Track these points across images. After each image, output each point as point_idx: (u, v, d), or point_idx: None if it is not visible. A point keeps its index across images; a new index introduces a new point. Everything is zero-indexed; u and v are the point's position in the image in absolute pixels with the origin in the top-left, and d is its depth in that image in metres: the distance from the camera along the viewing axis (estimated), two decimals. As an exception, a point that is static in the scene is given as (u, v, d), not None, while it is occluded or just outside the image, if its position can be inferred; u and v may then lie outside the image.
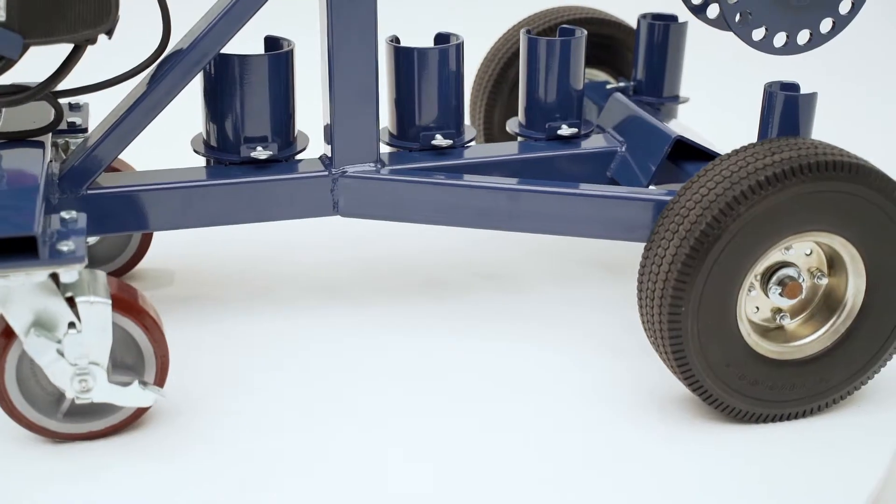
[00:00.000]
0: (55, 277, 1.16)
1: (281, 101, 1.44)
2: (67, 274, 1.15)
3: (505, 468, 1.25)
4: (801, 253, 1.31)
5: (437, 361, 1.45)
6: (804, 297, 1.33)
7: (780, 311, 1.32)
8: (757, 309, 1.32)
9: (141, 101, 1.36)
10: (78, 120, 1.51)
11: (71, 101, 1.57)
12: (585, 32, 1.55)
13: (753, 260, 1.26)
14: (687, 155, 1.49)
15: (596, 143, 1.56)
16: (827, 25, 1.37)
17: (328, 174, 1.43)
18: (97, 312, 1.18)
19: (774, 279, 1.29)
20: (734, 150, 1.29)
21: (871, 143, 1.76)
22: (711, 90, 2.14)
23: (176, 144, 1.61)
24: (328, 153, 1.44)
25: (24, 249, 1.13)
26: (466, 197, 1.42)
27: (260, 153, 1.42)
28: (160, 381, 1.25)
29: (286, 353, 1.46)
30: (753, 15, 1.33)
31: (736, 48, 1.41)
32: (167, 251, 1.69)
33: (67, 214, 1.21)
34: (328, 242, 1.75)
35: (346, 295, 1.61)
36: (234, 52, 1.40)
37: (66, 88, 1.35)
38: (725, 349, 1.28)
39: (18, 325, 1.16)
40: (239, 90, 1.41)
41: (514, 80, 1.78)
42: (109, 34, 1.26)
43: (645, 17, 1.65)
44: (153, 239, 1.64)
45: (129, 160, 1.62)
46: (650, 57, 1.65)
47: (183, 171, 1.43)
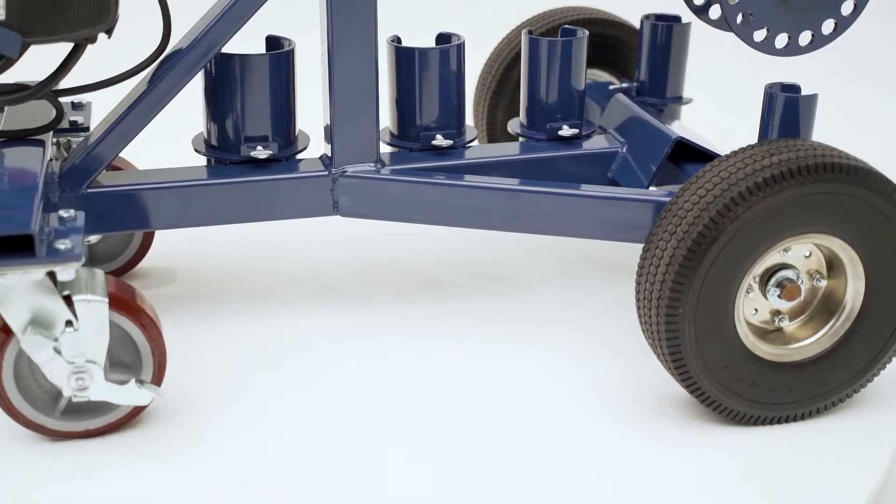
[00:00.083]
0: (52, 276, 1.16)
1: (281, 100, 1.44)
2: (64, 272, 1.15)
3: (505, 468, 1.25)
4: (800, 255, 1.30)
5: (437, 361, 1.45)
6: (803, 299, 1.32)
7: (778, 313, 1.32)
8: (755, 311, 1.31)
9: (141, 99, 1.36)
10: (80, 119, 1.52)
11: (73, 100, 1.57)
12: (587, 33, 1.55)
13: (751, 262, 1.25)
14: (688, 156, 1.49)
15: (597, 143, 1.56)
16: (829, 27, 1.36)
17: (328, 174, 1.43)
18: (94, 311, 1.18)
19: (773, 281, 1.29)
20: (733, 151, 1.29)
21: (872, 144, 1.75)
22: (714, 91, 2.13)
23: (177, 143, 1.61)
24: (328, 153, 1.44)
25: (21, 247, 1.13)
26: (466, 197, 1.42)
27: (260, 153, 1.42)
28: (157, 379, 1.26)
29: (286, 353, 1.46)
30: (755, 16, 1.33)
31: (738, 49, 1.40)
32: (168, 250, 1.69)
33: (66, 213, 1.21)
34: (328, 242, 1.75)
35: (346, 295, 1.61)
36: (234, 51, 1.40)
37: (66, 87, 1.35)
38: (723, 351, 1.27)
39: (15, 322, 1.17)
40: (239, 89, 1.41)
41: (517, 80, 1.77)
42: (109, 33, 1.26)
43: (648, 17, 1.64)
44: (154, 238, 1.65)
45: (130, 159, 1.62)
46: (653, 58, 1.65)
47: (183, 170, 1.43)
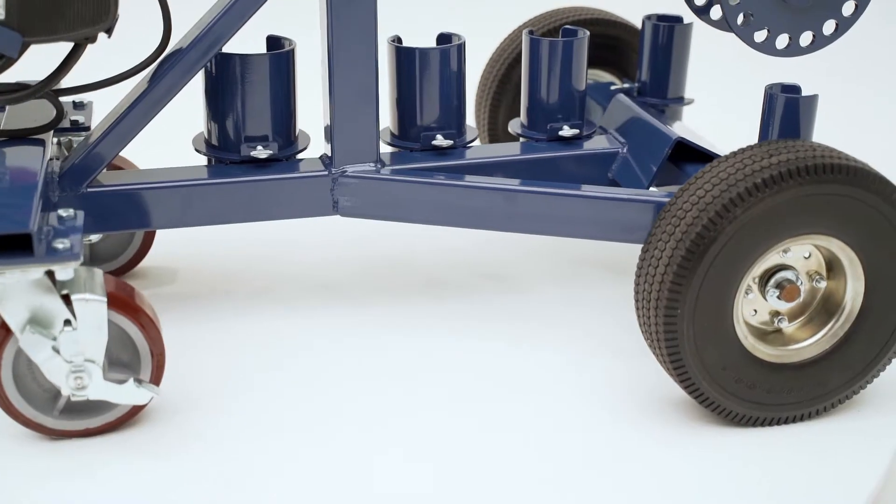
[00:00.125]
0: (51, 275, 1.16)
1: (281, 100, 1.44)
2: (63, 271, 1.15)
3: (505, 468, 1.25)
4: (799, 256, 1.30)
5: (437, 361, 1.45)
6: (802, 300, 1.32)
7: (778, 314, 1.31)
8: (755, 312, 1.31)
9: (141, 99, 1.36)
10: (81, 118, 1.52)
11: (75, 99, 1.57)
12: (588, 33, 1.55)
13: (750, 263, 1.25)
14: (689, 157, 1.49)
15: (597, 144, 1.56)
16: (830, 27, 1.36)
17: (328, 174, 1.43)
18: (93, 310, 1.18)
19: (772, 282, 1.28)
20: (732, 152, 1.29)
21: (872, 145, 1.75)
22: (715, 91, 2.13)
23: (178, 143, 1.61)
24: (328, 153, 1.44)
25: (20, 247, 1.14)
26: (465, 197, 1.42)
27: (260, 152, 1.42)
28: (156, 379, 1.26)
29: (286, 352, 1.46)
30: (755, 16, 1.32)
31: (739, 49, 1.40)
32: (170, 250, 1.69)
33: (65, 212, 1.21)
34: (328, 242, 1.75)
35: (346, 295, 1.61)
36: (235, 51, 1.40)
37: (67, 87, 1.35)
38: (722, 352, 1.27)
39: (14, 321, 1.17)
40: (240, 89, 1.41)
41: (518, 81, 1.77)
42: (109, 33, 1.26)
43: (650, 18, 1.64)
44: (156, 237, 1.65)
45: (131, 159, 1.63)
46: (655, 58, 1.64)
47: (183, 169, 1.43)
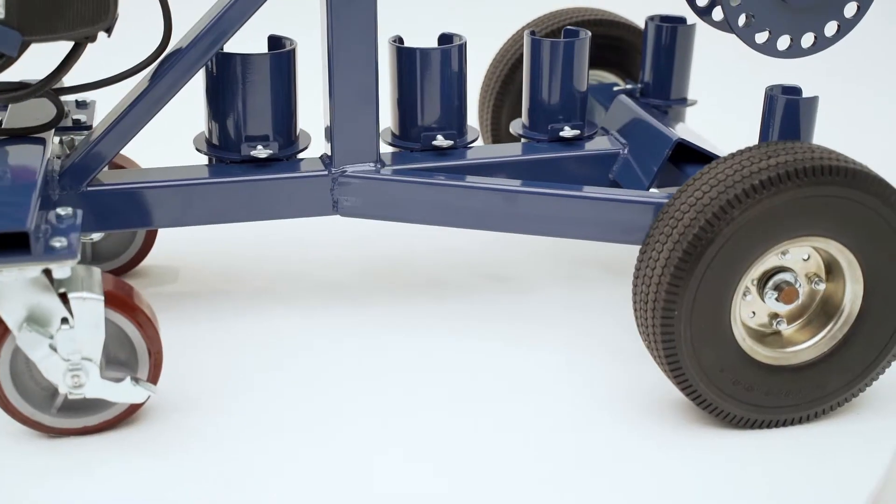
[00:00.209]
0: (48, 273, 1.16)
1: (282, 100, 1.44)
2: (60, 270, 1.15)
3: (504, 468, 1.25)
4: (798, 258, 1.29)
5: (437, 361, 1.45)
6: (801, 302, 1.31)
7: (776, 316, 1.31)
8: (753, 314, 1.31)
9: (142, 98, 1.36)
10: (84, 117, 1.52)
11: (77, 98, 1.58)
12: (589, 34, 1.55)
13: (748, 264, 1.25)
14: (690, 158, 1.48)
15: (598, 145, 1.55)
16: (832, 29, 1.35)
17: (328, 174, 1.43)
18: (90, 308, 1.18)
19: (771, 284, 1.28)
20: (731, 153, 1.28)
21: (872, 146, 1.75)
22: (716, 92, 2.12)
23: (178, 142, 1.62)
24: (328, 153, 1.45)
25: (18, 245, 1.14)
26: (465, 198, 1.42)
27: (260, 152, 1.42)
28: (154, 377, 1.26)
29: (286, 352, 1.46)
30: (757, 18, 1.32)
31: (741, 50, 1.40)
32: (171, 249, 1.69)
33: (63, 211, 1.21)
34: (328, 242, 1.75)
35: (346, 295, 1.61)
36: (236, 50, 1.40)
37: (67, 86, 1.36)
38: (719, 354, 1.27)
39: (11, 319, 1.17)
40: (241, 89, 1.41)
41: (521, 81, 1.77)
42: (109, 32, 1.27)
43: (653, 19, 1.64)
44: (157, 236, 1.65)
45: (132, 157, 1.63)
46: (658, 59, 1.64)
47: (183, 168, 1.43)
